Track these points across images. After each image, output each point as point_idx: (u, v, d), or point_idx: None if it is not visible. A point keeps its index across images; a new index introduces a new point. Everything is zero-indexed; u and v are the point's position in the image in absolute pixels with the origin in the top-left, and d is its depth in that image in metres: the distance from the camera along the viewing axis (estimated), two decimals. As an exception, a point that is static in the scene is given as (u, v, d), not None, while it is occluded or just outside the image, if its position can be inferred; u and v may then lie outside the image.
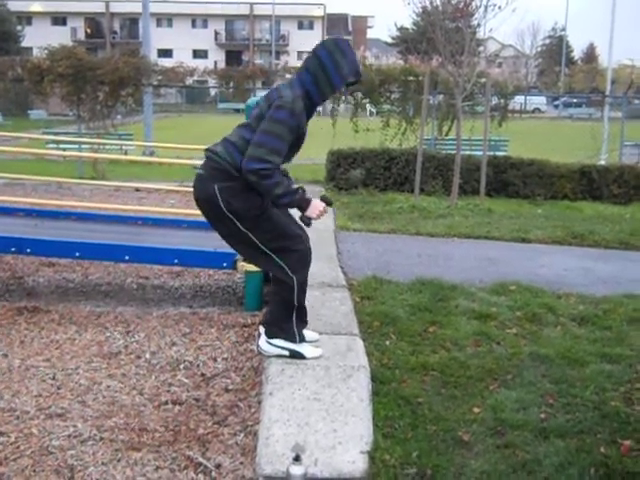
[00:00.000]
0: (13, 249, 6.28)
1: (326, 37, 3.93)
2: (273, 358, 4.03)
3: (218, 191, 3.69)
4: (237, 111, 36.19)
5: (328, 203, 3.88)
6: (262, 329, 4.15)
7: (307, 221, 3.89)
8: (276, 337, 4.05)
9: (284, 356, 4.02)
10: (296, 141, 3.75)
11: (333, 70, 3.66)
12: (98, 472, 3.46)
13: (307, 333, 4.23)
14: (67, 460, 3.56)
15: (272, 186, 3.54)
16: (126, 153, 16.74)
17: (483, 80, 13.79)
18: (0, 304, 6.09)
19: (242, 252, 4.05)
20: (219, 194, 3.69)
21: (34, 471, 3.45)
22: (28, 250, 6.24)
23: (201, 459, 3.60)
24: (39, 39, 31.20)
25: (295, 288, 3.88)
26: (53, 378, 4.58)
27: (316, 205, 3.77)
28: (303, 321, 4.13)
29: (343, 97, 15.49)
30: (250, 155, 3.53)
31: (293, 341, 4.03)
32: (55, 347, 5.14)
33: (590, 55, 78.88)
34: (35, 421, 3.98)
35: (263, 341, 4.08)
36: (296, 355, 4.00)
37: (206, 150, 3.85)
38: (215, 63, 58.34)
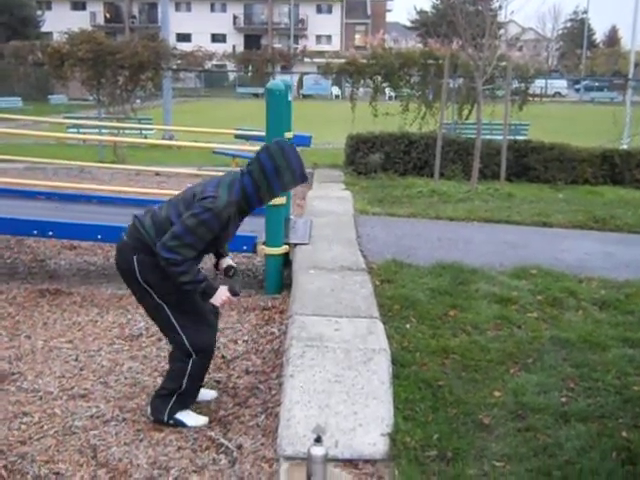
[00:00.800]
0: (35, 232, 6.34)
1: (273, 140, 3.79)
2: (294, 340, 4.04)
3: (137, 262, 3.66)
4: (256, 95, 36.23)
5: (234, 294, 3.79)
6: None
7: (235, 291, 3.82)
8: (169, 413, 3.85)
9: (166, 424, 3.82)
10: (220, 236, 3.68)
11: (274, 178, 3.57)
12: (121, 452, 3.50)
13: (203, 391, 4.05)
14: (90, 440, 3.61)
15: (178, 274, 3.50)
16: (146, 137, 16.81)
17: (504, 63, 13.65)
18: (23, 287, 6.16)
19: (154, 320, 3.96)
20: (137, 265, 3.66)
21: (57, 451, 3.50)
22: (50, 233, 6.29)
23: (222, 440, 3.63)
24: (59, 24, 31.31)
25: (188, 368, 3.75)
26: (76, 359, 4.64)
27: (220, 294, 3.68)
28: (185, 404, 3.89)
29: (362, 81, 15.40)
30: (164, 242, 3.49)
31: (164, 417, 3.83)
32: (77, 329, 5.19)
33: (612, 38, 77.94)
34: (58, 402, 4.03)
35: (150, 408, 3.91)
36: (177, 424, 3.80)
37: (134, 217, 3.79)
38: (234, 47, 58.01)
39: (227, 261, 3.99)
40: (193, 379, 3.80)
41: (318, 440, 2.94)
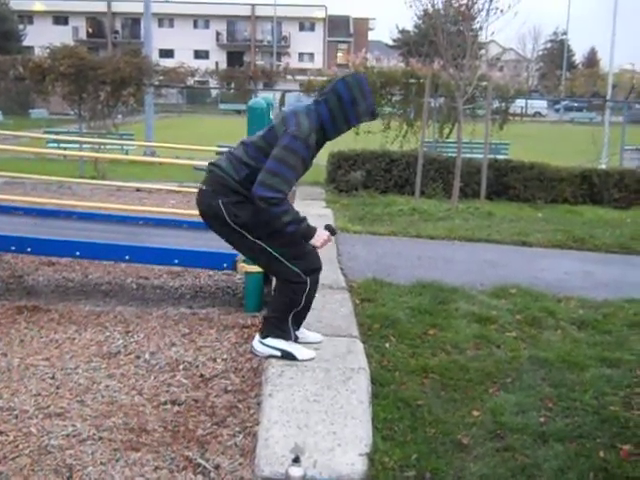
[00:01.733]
0: (13, 248, 6.28)
1: (349, 73, 3.92)
2: (273, 359, 4.03)
3: (223, 206, 3.67)
4: (238, 112, 36.25)
5: (332, 232, 3.92)
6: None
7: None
8: (269, 336, 4.04)
9: (276, 356, 4.01)
10: (303, 170, 3.75)
11: (350, 108, 3.65)
12: (97, 472, 3.46)
13: (310, 334, 4.23)
14: (66, 460, 3.56)
15: (280, 213, 3.55)
16: (127, 153, 16.76)
17: (484, 83, 13.78)
18: (0, 303, 6.09)
19: (255, 260, 4.05)
20: (224, 209, 3.68)
21: (33, 470, 3.45)
22: (28, 249, 6.23)
23: (200, 460, 3.60)
24: (41, 38, 31.22)
25: (307, 288, 3.91)
26: (52, 377, 4.58)
27: (321, 234, 3.81)
28: (299, 323, 4.12)
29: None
30: (262, 182, 3.51)
31: (287, 339, 4.03)
32: (54, 346, 5.14)
33: (591, 59, 78.99)
34: (34, 420, 3.98)
35: (256, 341, 4.09)
36: (288, 356, 3.99)
37: (210, 164, 3.83)
38: (216, 64, 58.39)
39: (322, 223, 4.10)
40: (310, 297, 3.95)
41: (296, 460, 2.93)
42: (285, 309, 3.97)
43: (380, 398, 3.96)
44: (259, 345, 4.06)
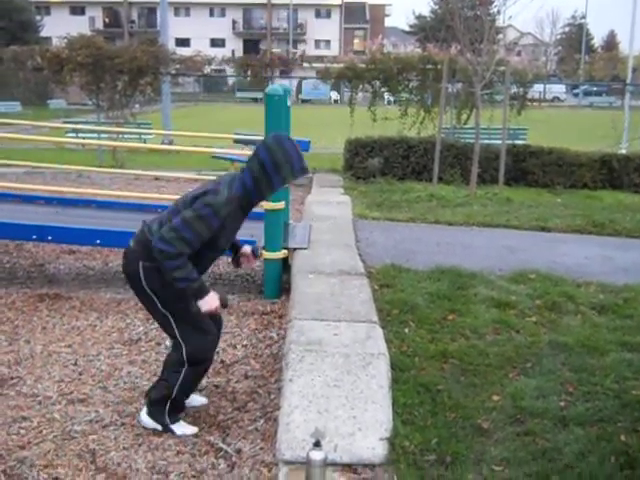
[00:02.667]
0: (34, 236, 6.35)
1: (271, 134, 3.77)
2: (293, 345, 4.04)
3: (142, 269, 3.63)
4: (255, 100, 36.30)
5: (223, 305, 3.78)
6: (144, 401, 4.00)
7: (224, 303, 3.82)
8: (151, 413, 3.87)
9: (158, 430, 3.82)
10: (219, 236, 3.63)
11: (273, 172, 3.55)
12: (120, 456, 3.50)
13: (194, 396, 4.05)
14: (89, 445, 3.61)
15: (172, 268, 3.45)
16: (145, 142, 16.81)
17: (502, 68, 13.67)
18: (22, 291, 6.16)
19: (162, 327, 3.93)
20: (142, 272, 3.62)
21: (56, 455, 3.50)
22: (49, 237, 6.29)
23: (221, 444, 3.63)
24: (58, 29, 31.29)
25: (180, 378, 3.74)
26: (75, 364, 4.64)
27: (210, 300, 3.62)
28: (179, 410, 3.91)
29: (361, 85, 15.42)
30: (161, 235, 3.46)
31: (166, 421, 3.83)
32: (76, 333, 5.19)
33: (610, 43, 78.06)
34: (57, 406, 4.03)
35: (144, 412, 3.89)
36: (168, 431, 3.79)
37: (143, 223, 3.77)
38: (233, 52, 58.31)
39: (246, 247, 3.97)
40: (183, 389, 3.78)
41: (317, 444, 2.94)
42: (163, 393, 3.80)
43: (400, 383, 3.96)
44: (145, 416, 3.87)
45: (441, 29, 16.82)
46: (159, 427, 3.79)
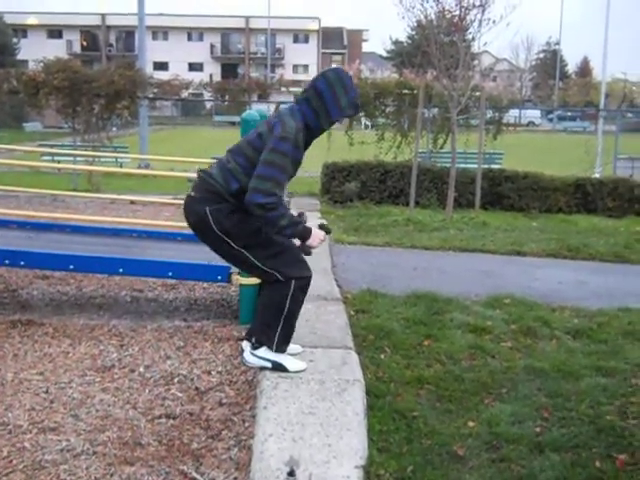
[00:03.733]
0: (7, 261, 6.26)
1: (328, 67, 3.91)
2: (267, 372, 4.01)
3: (209, 213, 3.67)
4: (232, 124, 36.31)
5: (327, 231, 3.92)
6: (245, 343, 4.14)
7: (308, 250, 3.92)
8: (260, 347, 4.02)
9: (267, 368, 4.00)
10: (294, 170, 3.76)
11: (332, 103, 3.63)
12: (91, 487, 3.44)
13: (290, 345, 4.21)
14: (60, 475, 3.54)
15: (277, 218, 3.52)
16: (121, 166, 16.76)
17: (478, 94, 13.85)
18: (-6, 317, 6.07)
19: (239, 267, 4.03)
20: (210, 216, 3.67)
21: (27, 486, 3.43)
22: (22, 262, 6.21)
23: (195, 474, 3.58)
24: (35, 52, 31.23)
25: (290, 292, 3.84)
26: (46, 392, 4.55)
27: (317, 234, 3.77)
28: (289, 336, 4.08)
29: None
30: (255, 188, 3.49)
31: (277, 352, 4.01)
32: (49, 360, 5.11)
33: (584, 69, 79.26)
34: (28, 435, 3.95)
35: (247, 353, 4.06)
36: (278, 367, 3.98)
37: (200, 171, 3.83)
38: (211, 76, 58.49)
39: (316, 222, 4.02)
40: (296, 301, 3.84)
41: (291, 474, 2.92)
42: (272, 317, 3.94)
43: (375, 410, 3.94)
44: (250, 356, 4.05)
45: (417, 55, 16.99)
46: (268, 364, 3.80)
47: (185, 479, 3.54)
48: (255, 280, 6.07)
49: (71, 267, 6.23)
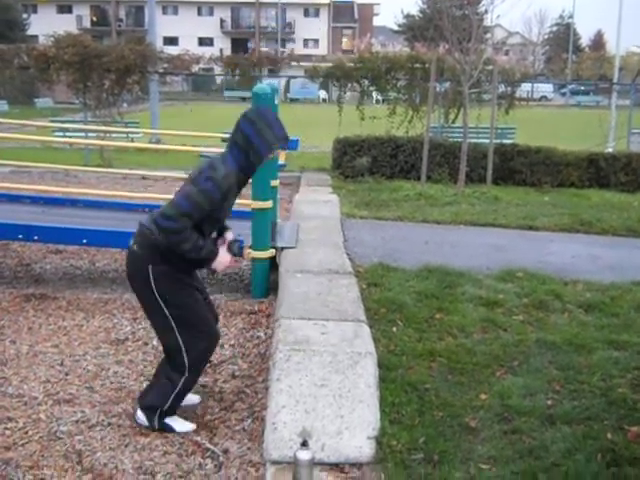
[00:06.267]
0: (20, 236, 6.31)
1: (248, 108, 3.82)
2: (280, 344, 4.03)
3: (152, 274, 3.61)
4: (243, 99, 36.15)
5: (236, 254, 3.84)
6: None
7: (212, 272, 3.92)
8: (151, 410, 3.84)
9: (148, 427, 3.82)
10: (221, 208, 3.67)
11: (258, 141, 3.60)
12: (106, 457, 3.48)
13: (188, 395, 4.01)
14: (75, 445, 3.59)
15: (178, 242, 3.48)
16: (132, 141, 16.74)
17: (490, 67, 13.71)
18: (8, 291, 6.13)
19: (157, 332, 3.92)
20: (153, 277, 3.62)
21: (42, 456, 3.48)
22: (35, 237, 6.25)
23: (208, 444, 3.62)
24: (45, 27, 31.11)
25: (178, 388, 3.74)
26: (61, 364, 4.61)
27: (221, 260, 3.71)
28: (172, 413, 3.88)
29: (349, 84, 15.42)
30: (162, 213, 3.50)
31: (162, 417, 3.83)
32: (63, 333, 5.17)
33: (598, 42, 78.35)
34: (43, 407, 4.01)
35: (140, 411, 3.86)
36: (166, 429, 3.79)
37: (141, 225, 3.75)
38: (221, 51, 58.00)
39: (229, 235, 3.94)
40: (180, 396, 3.79)
41: (304, 444, 2.94)
42: (157, 399, 3.78)
43: (387, 382, 3.96)
44: (141, 414, 3.86)
45: (429, 28, 16.85)
46: (155, 426, 3.77)
47: (199, 449, 3.59)
48: (268, 254, 6.13)
49: (84, 241, 6.28)
